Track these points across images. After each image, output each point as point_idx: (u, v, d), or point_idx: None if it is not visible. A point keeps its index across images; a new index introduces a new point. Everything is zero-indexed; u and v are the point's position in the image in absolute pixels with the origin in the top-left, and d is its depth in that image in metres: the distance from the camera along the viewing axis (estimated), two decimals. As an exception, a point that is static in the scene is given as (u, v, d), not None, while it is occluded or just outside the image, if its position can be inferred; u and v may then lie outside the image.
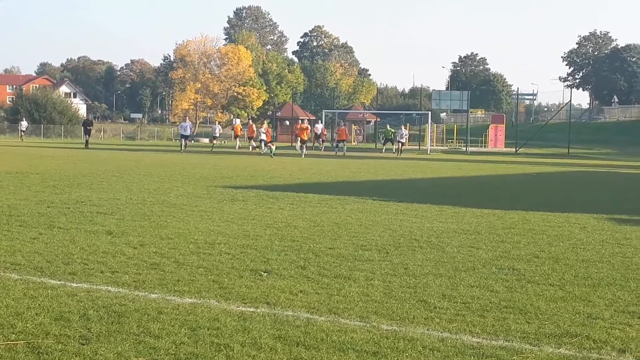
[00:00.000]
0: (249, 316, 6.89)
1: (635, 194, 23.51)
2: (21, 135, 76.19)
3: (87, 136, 55.22)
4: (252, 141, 55.03)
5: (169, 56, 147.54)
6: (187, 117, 69.23)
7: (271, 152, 43.33)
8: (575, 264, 10.04)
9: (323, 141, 60.10)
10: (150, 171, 27.34)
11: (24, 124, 79.79)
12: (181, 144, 51.45)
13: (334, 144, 55.45)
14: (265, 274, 8.85)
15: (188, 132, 52.78)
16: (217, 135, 60.49)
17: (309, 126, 51.61)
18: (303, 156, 43.77)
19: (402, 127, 59.57)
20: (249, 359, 5.69)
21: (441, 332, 6.55)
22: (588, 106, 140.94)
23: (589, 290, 8.36)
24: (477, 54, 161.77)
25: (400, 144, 54.35)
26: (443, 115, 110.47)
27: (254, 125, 60.38)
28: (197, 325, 6.54)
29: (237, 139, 59.36)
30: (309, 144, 51.81)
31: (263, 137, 47.41)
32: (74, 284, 8.03)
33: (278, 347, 6.00)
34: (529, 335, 6.54)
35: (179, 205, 15.73)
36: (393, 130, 59.77)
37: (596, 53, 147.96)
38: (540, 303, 7.70)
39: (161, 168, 29.77)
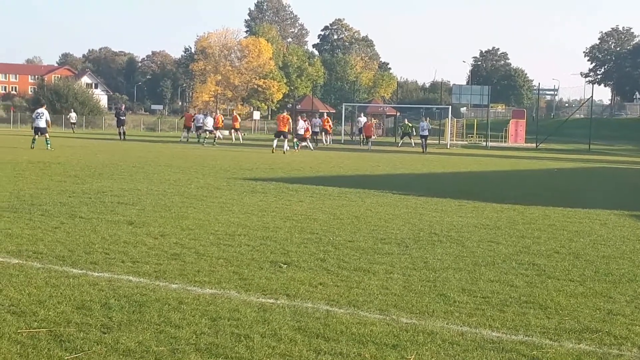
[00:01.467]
0: (269, 307, 6.91)
1: (657, 191, 23.38)
2: (73, 128, 73.16)
3: (122, 127, 53.20)
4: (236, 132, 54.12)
5: (190, 48, 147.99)
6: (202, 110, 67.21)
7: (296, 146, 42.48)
8: (596, 260, 10.00)
9: (328, 133, 58.05)
10: (170, 162, 27.44)
11: (73, 115, 75.72)
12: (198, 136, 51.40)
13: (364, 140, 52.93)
14: (285, 265, 8.87)
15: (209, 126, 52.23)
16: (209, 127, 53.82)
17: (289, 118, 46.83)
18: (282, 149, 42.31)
19: (423, 118, 54.30)
20: (269, 350, 5.70)
21: (461, 326, 6.54)
22: (609, 102, 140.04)
23: (610, 287, 8.33)
24: (498, 49, 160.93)
25: (423, 139, 49.25)
26: (463, 109, 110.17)
27: (238, 117, 58.77)
28: (217, 315, 6.57)
29: (218, 131, 54.90)
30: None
31: (301, 131, 45.46)
32: (96, 273, 8.09)
33: (298, 338, 6.02)
34: (549, 330, 6.52)
35: (199, 197, 15.78)
36: (411, 125, 58.75)
37: (618, 49, 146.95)
38: (560, 298, 7.67)
39: (181, 160, 29.86)
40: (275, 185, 19.07)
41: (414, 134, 54.62)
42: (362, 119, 61.34)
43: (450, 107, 71.70)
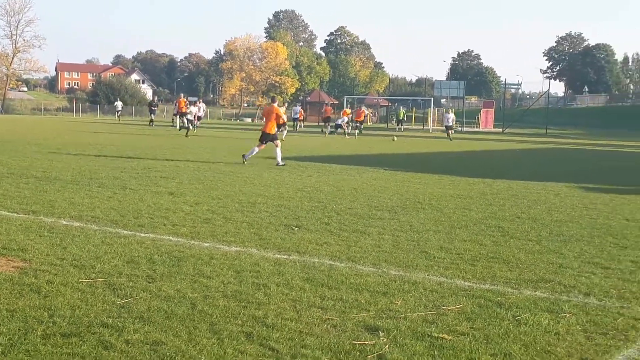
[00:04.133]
0: (283, 262, 6.92)
1: (600, 167, 23.30)
2: (118, 116, 71.18)
3: (152, 115, 53.98)
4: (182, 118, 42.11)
5: (220, 50, 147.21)
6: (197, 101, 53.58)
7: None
8: (550, 223, 9.97)
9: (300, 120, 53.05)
10: (203, 144, 27.42)
11: (120, 104, 72.83)
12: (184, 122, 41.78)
13: (354, 125, 45.05)
14: (296, 228, 8.86)
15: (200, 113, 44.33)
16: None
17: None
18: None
19: (450, 110, 47.28)
20: (282, 296, 5.71)
21: (439, 277, 6.54)
22: (563, 94, 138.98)
23: (561, 245, 8.31)
24: (472, 50, 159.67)
25: (448, 129, 43.42)
26: (443, 101, 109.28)
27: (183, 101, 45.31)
28: (241, 268, 6.58)
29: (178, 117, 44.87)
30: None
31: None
32: (142, 234, 8.09)
33: (306, 287, 6.03)
34: (511, 280, 6.52)
35: (226, 172, 15.78)
36: (404, 112, 58.06)
37: (571, 50, 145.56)
38: (520, 255, 7.66)
39: (212, 142, 29.84)
40: (288, 163, 19.02)
41: (444, 124, 47.20)
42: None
43: (432, 99, 71.46)
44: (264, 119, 19.62)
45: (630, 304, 5.85)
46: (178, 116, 44.63)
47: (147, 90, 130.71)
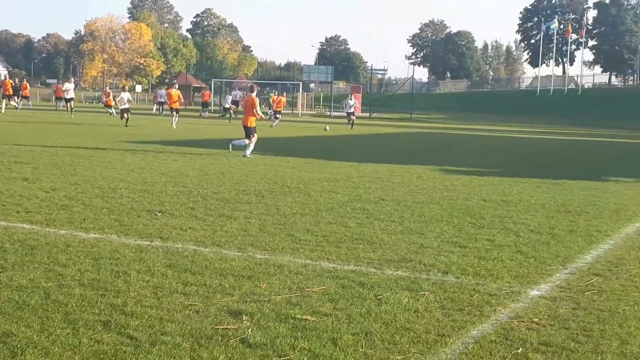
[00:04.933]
0: (145, 248, 6.76)
1: (460, 150, 24.31)
2: None
3: (16, 98, 50.63)
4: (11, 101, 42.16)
5: (80, 31, 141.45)
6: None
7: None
8: (413, 205, 10.29)
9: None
10: (63, 129, 26.34)
11: None
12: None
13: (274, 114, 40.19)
14: (160, 214, 8.68)
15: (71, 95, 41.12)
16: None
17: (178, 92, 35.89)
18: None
19: (352, 96, 44.07)
20: (143, 283, 5.57)
21: (304, 260, 6.60)
22: (427, 80, 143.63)
23: (422, 226, 8.59)
24: (340, 36, 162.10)
25: (350, 115, 39.30)
26: (312, 85, 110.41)
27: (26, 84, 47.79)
28: (99, 256, 6.37)
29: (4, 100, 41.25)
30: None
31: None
32: (-8, 223, 7.67)
33: (169, 273, 5.91)
34: (374, 261, 6.67)
35: (86, 157, 15.22)
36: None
37: (434, 37, 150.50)
38: (384, 236, 7.86)
39: (73, 126, 28.72)
40: (154, 147, 18.63)
41: (345, 110, 43.16)
42: (237, 93, 59.59)
43: (301, 83, 72.07)
44: (244, 110, 18.29)
45: (486, 280, 6.14)
46: (5, 99, 42.12)
47: (1, 72, 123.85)
